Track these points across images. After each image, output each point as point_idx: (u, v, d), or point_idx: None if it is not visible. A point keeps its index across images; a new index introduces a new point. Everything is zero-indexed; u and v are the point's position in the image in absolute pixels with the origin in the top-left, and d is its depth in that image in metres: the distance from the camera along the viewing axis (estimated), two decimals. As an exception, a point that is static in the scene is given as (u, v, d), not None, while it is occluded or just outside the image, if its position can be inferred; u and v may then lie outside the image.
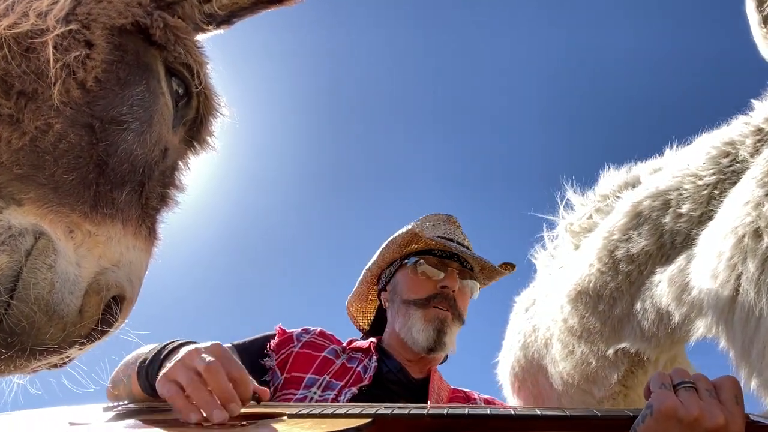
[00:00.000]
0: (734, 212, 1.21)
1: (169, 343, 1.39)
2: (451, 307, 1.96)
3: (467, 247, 2.10)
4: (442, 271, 2.01)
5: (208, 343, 1.25)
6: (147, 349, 1.46)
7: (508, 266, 2.16)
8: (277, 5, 1.24)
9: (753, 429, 1.05)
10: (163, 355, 1.34)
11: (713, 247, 1.24)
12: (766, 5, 1.17)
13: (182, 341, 1.37)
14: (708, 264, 1.24)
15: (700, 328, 1.38)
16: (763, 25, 1.18)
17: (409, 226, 2.08)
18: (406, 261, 2.09)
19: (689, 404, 1.00)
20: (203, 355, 1.17)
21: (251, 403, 1.22)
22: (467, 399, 1.98)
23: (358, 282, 2.24)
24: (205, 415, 1.10)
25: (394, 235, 2.11)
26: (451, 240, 2.07)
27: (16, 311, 0.74)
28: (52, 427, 1.10)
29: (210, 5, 1.20)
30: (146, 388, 1.35)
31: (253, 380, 1.23)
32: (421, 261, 2.04)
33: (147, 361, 1.36)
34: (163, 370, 1.22)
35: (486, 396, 2.06)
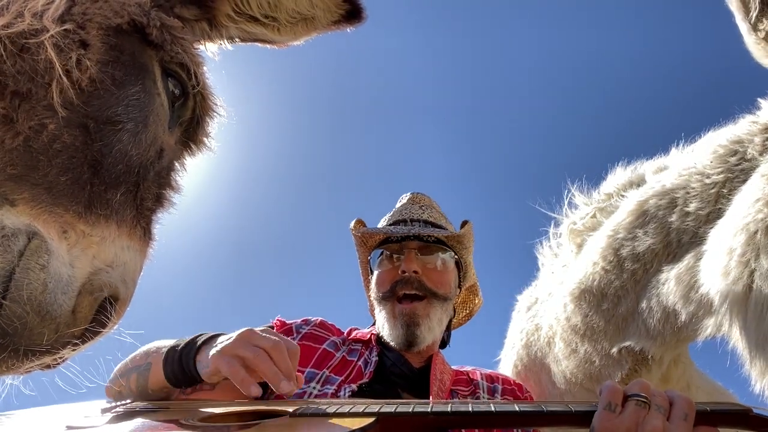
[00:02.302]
0: (745, 209, 1.18)
1: (201, 334, 1.40)
2: (419, 288, 1.84)
3: (426, 222, 1.99)
4: (402, 255, 1.91)
5: (262, 327, 1.34)
6: (163, 343, 1.46)
7: (463, 225, 2.05)
8: (272, 45, 1.29)
9: (757, 421, 1.02)
10: (200, 342, 1.37)
11: (724, 244, 1.20)
12: (752, 14, 1.17)
13: (213, 333, 1.39)
14: (719, 261, 1.21)
15: (709, 326, 1.35)
16: (752, 33, 1.18)
17: (350, 225, 2.04)
18: (369, 257, 2.04)
19: (627, 418, 1.00)
20: (266, 335, 1.26)
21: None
22: (470, 380, 1.91)
23: (365, 288, 2.20)
24: (272, 386, 1.20)
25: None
26: (405, 221, 1.98)
27: (9, 312, 0.72)
28: (50, 429, 1.09)
29: (217, 32, 1.20)
30: (175, 374, 1.36)
31: None
32: (381, 251, 1.98)
33: (180, 347, 1.38)
34: (218, 347, 1.27)
35: (488, 371, 1.99)
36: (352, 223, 2.07)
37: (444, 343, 2.08)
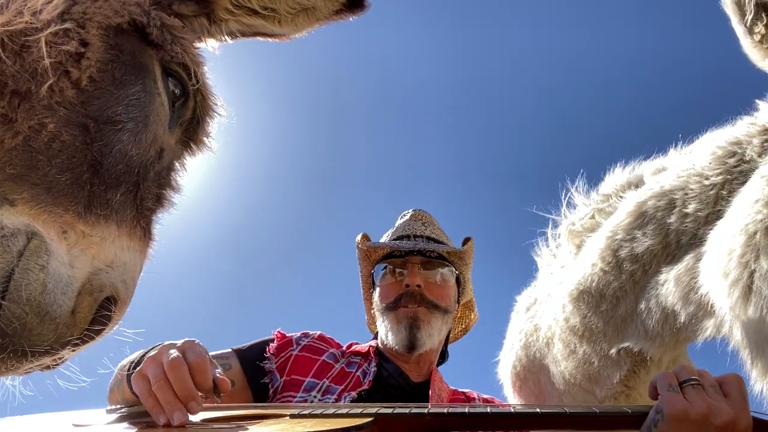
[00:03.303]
0: (745, 210, 1.19)
1: (159, 344, 1.34)
2: (420, 303, 1.89)
3: (429, 238, 2.05)
4: (405, 270, 1.97)
5: (182, 341, 1.23)
6: (135, 355, 1.42)
7: (465, 242, 2.10)
8: (275, 39, 1.27)
9: (755, 424, 1.03)
10: (147, 355, 1.29)
11: (723, 245, 1.21)
12: (747, 18, 1.18)
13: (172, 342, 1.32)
14: (718, 262, 1.22)
15: (709, 327, 1.36)
16: (748, 36, 1.19)
17: (357, 238, 2.07)
18: (373, 270, 2.08)
19: (697, 403, 1.00)
20: (170, 351, 1.16)
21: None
22: (467, 400, 1.94)
23: (364, 302, 2.23)
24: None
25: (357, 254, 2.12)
26: (408, 236, 2.04)
27: (8, 312, 0.72)
28: (56, 430, 1.09)
29: (217, 27, 1.20)
30: (134, 391, 1.30)
31: (218, 367, 1.21)
32: (385, 266, 2.02)
33: (134, 363, 1.33)
34: (138, 368, 1.21)
35: (486, 396, 2.01)
36: (358, 238, 2.10)
37: (443, 356, 2.11)
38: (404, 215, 2.20)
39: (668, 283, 1.48)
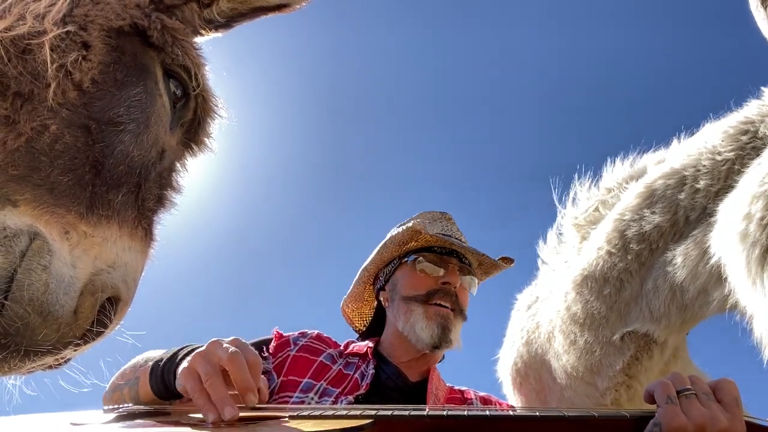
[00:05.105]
0: (761, 178, 1.15)
1: (186, 346, 1.34)
2: (453, 303, 1.88)
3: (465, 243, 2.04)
4: (442, 268, 1.94)
5: (230, 338, 1.23)
6: (152, 354, 1.42)
7: (507, 260, 2.09)
8: (276, 12, 1.21)
9: (749, 427, 1.04)
10: (182, 354, 1.29)
11: (738, 211, 1.17)
12: None
13: (199, 345, 1.31)
14: (734, 227, 1.18)
15: (716, 300, 1.33)
16: (761, 8, 1.15)
17: (410, 224, 2.00)
18: (405, 259, 2.01)
19: (694, 415, 1.01)
20: (225, 346, 1.16)
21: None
22: (464, 399, 1.91)
23: (354, 282, 2.16)
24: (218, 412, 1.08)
25: (393, 233, 2.03)
26: (449, 236, 2.00)
27: (11, 312, 0.71)
28: (54, 428, 1.09)
29: (209, 11, 1.17)
30: (158, 388, 1.30)
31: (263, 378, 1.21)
32: (421, 258, 1.95)
33: (163, 361, 1.32)
34: (184, 363, 1.19)
35: (483, 394, 1.98)
36: (413, 221, 2.03)
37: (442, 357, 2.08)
38: (433, 215, 2.13)
39: (676, 259, 1.44)
